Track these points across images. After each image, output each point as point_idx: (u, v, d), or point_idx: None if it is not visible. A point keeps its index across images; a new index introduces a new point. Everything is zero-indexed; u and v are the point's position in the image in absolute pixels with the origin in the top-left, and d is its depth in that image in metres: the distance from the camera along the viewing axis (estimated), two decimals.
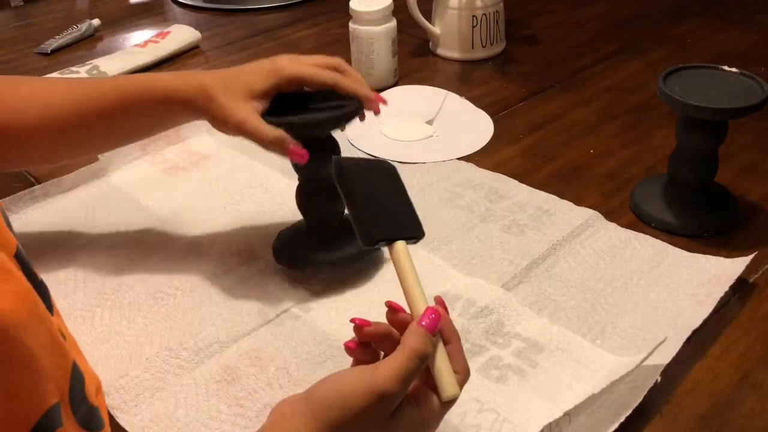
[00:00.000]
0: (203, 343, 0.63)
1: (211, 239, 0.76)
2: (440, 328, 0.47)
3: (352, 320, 0.47)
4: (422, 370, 0.45)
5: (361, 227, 0.50)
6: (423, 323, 0.46)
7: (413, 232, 0.52)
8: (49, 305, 0.52)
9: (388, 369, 0.43)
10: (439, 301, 0.49)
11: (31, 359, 0.38)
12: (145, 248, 0.75)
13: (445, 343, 0.47)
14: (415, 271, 0.49)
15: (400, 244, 0.50)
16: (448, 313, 0.49)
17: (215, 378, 0.60)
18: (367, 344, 0.48)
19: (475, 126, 0.79)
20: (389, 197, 0.53)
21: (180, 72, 0.70)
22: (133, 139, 0.75)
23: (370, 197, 0.52)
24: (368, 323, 0.47)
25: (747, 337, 0.62)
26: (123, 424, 0.57)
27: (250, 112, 0.63)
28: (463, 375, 0.47)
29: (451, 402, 0.46)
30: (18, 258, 0.47)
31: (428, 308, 0.47)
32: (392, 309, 0.48)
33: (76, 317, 0.67)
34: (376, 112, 0.67)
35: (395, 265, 0.49)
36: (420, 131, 0.95)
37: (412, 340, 0.45)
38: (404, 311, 0.48)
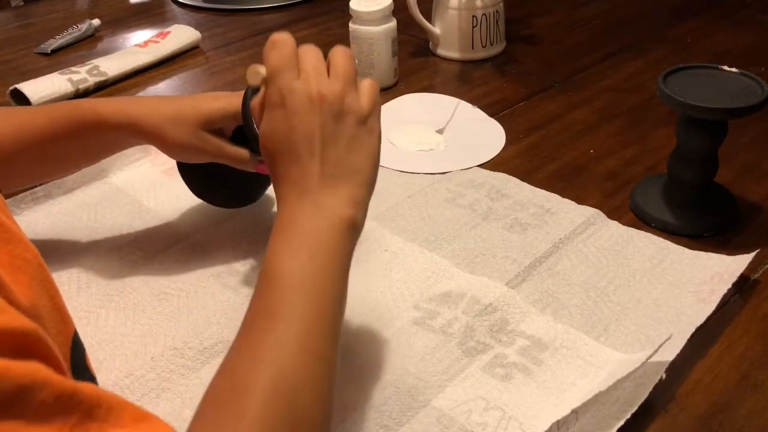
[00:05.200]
0: (208, 343, 0.63)
1: (213, 240, 0.77)
2: None
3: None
4: None
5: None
6: None
7: None
8: None
9: None
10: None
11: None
12: (148, 249, 0.76)
13: None
14: None
15: None
16: None
17: None
18: None
19: (487, 136, 0.76)
20: None
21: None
22: (81, 166, 0.78)
23: None
24: None
25: (747, 337, 0.62)
26: None
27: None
28: None
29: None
30: None
31: None
32: None
33: (80, 319, 0.66)
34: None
35: None
36: (429, 140, 0.92)
37: None
38: None
